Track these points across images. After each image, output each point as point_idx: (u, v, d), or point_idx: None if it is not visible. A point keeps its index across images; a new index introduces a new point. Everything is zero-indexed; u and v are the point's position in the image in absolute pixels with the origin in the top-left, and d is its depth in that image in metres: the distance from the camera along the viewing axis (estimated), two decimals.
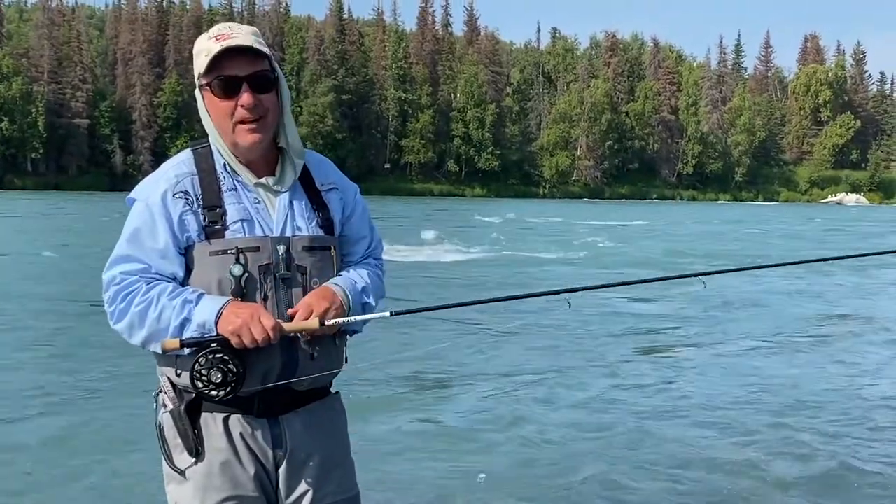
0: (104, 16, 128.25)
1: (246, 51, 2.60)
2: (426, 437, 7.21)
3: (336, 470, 2.79)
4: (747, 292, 16.95)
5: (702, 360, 10.67)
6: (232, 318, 2.49)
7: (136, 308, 2.55)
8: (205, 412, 2.64)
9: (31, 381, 8.99)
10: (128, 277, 2.60)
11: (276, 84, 2.67)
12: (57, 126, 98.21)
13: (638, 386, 9.12)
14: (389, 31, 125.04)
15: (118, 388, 8.61)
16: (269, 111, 2.63)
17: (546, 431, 7.37)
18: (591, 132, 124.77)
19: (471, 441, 7.11)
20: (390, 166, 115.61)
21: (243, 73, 2.60)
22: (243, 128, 2.61)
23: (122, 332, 2.62)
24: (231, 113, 2.61)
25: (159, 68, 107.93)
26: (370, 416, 7.49)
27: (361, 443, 2.94)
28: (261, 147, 2.66)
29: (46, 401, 8.19)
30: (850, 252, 3.20)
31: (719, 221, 53.35)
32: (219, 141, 2.68)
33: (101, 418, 7.61)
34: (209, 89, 2.64)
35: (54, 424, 7.44)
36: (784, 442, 7.15)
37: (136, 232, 2.63)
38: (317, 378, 2.70)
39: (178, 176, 2.65)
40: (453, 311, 10.61)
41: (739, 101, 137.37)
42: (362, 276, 2.80)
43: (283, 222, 2.67)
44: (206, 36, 2.70)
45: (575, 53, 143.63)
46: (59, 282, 17.44)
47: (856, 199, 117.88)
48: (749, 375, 9.68)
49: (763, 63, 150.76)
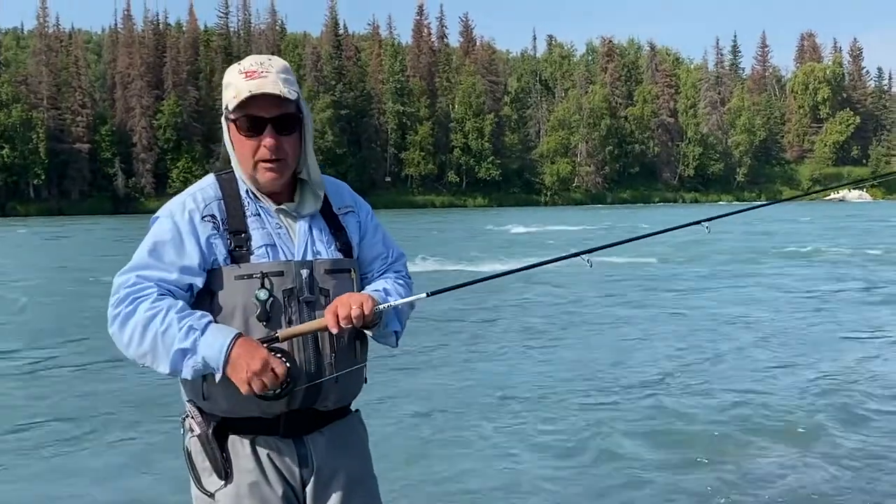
0: (101, 40, 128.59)
1: (274, 94, 2.64)
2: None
3: (361, 486, 2.83)
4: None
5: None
6: (242, 365, 2.49)
7: (143, 314, 2.54)
8: (232, 435, 2.68)
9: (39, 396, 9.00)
10: (142, 282, 2.59)
11: (301, 125, 2.71)
12: (58, 151, 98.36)
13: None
14: (385, 45, 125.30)
15: (135, 408, 8.64)
16: (290, 153, 2.69)
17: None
18: (591, 138, 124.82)
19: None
20: (391, 179, 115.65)
21: (269, 115, 2.65)
22: (264, 166, 2.67)
23: (119, 337, 2.58)
24: (254, 152, 2.66)
25: (158, 90, 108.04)
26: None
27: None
28: (279, 185, 2.73)
29: (57, 419, 8.21)
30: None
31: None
32: (240, 170, 2.73)
33: (121, 437, 7.63)
34: (235, 125, 2.69)
35: (68, 444, 7.46)
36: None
37: (161, 245, 2.64)
38: (340, 397, 2.76)
39: (206, 199, 2.70)
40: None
41: (738, 101, 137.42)
42: (387, 287, 2.83)
43: (303, 247, 2.72)
44: (237, 69, 2.71)
45: (571, 60, 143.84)
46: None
47: (858, 196, 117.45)
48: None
49: (760, 63, 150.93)
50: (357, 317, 2.56)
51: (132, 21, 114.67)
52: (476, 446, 7.42)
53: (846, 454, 6.99)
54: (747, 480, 6.43)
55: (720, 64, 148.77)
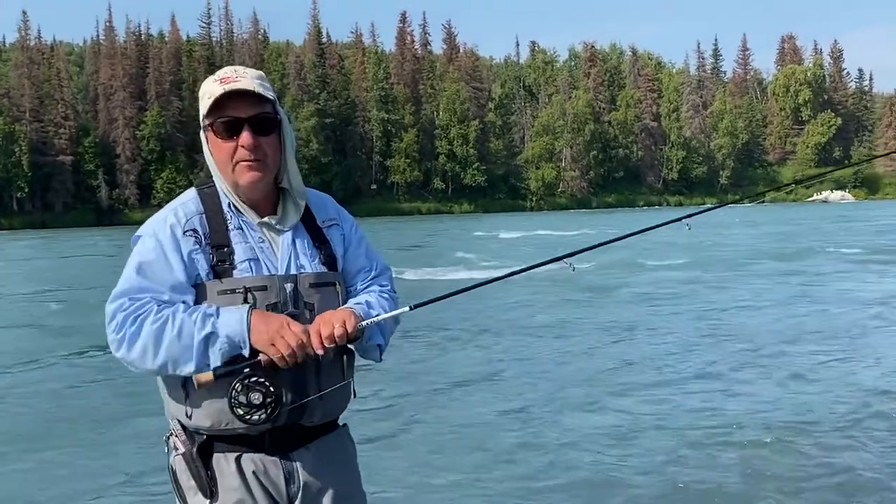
0: (83, 52, 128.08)
1: (248, 94, 2.63)
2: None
3: (349, 502, 2.80)
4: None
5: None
6: (263, 328, 2.49)
7: (150, 327, 2.50)
8: (217, 453, 2.64)
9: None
10: (137, 301, 2.56)
11: (279, 126, 2.69)
12: (41, 164, 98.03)
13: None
14: (369, 53, 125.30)
15: (125, 425, 8.60)
16: (269, 153, 2.66)
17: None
18: (575, 143, 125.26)
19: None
20: (377, 187, 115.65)
21: (244, 114, 2.63)
22: (244, 165, 2.64)
23: (133, 359, 2.54)
24: (232, 154, 2.64)
25: (141, 101, 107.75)
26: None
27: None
28: (260, 186, 2.69)
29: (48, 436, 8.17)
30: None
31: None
32: (222, 181, 2.71)
33: (110, 454, 7.59)
34: (212, 130, 2.66)
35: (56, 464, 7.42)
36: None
37: (147, 265, 2.61)
38: (326, 413, 2.73)
39: (187, 214, 2.67)
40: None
41: (720, 104, 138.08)
42: (370, 300, 2.79)
43: (287, 261, 2.69)
44: (211, 79, 2.70)
45: (555, 66, 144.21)
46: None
47: (841, 196, 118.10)
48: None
49: (741, 66, 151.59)
50: (340, 336, 2.55)
51: (114, 32, 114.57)
52: (471, 461, 7.37)
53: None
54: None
55: (702, 67, 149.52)
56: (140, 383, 9.91)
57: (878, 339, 12.53)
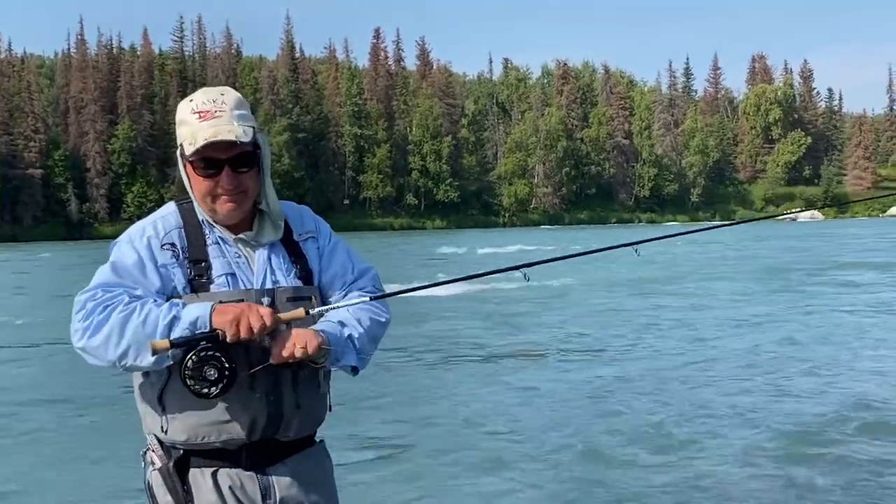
0: (54, 64, 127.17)
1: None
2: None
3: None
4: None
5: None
6: (228, 309, 2.48)
7: (118, 315, 2.47)
8: (193, 468, 2.62)
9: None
10: (110, 291, 2.54)
11: (258, 158, 2.68)
12: (10, 178, 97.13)
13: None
14: (342, 69, 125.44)
15: (103, 438, 8.48)
16: (249, 186, 2.67)
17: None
18: (548, 160, 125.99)
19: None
20: (349, 202, 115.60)
21: (225, 155, 2.61)
22: (224, 198, 2.64)
23: (94, 347, 2.48)
24: (212, 189, 2.63)
25: (112, 115, 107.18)
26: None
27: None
28: (238, 216, 2.70)
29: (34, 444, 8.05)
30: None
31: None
32: (197, 203, 2.70)
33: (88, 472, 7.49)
34: (191, 166, 2.65)
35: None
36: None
37: (122, 265, 2.60)
38: (302, 427, 2.70)
39: (166, 228, 2.67)
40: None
41: (691, 123, 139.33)
42: (338, 312, 2.73)
43: (262, 276, 2.68)
44: (188, 107, 2.65)
45: (527, 83, 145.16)
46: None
47: (810, 215, 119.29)
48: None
49: (712, 85, 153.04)
50: (300, 356, 2.52)
51: (85, 45, 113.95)
52: (446, 475, 7.34)
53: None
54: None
55: (673, 86, 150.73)
56: (118, 400, 9.83)
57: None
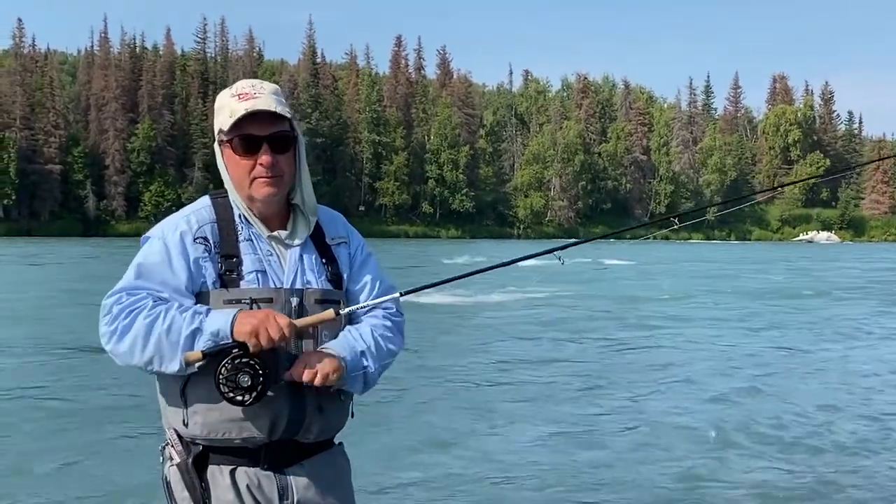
0: (76, 62, 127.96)
1: (268, 112, 2.65)
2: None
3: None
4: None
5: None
6: (247, 321, 2.49)
7: (143, 321, 2.50)
8: (212, 465, 2.63)
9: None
10: (135, 294, 2.57)
11: (295, 143, 2.73)
12: (29, 172, 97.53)
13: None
14: (363, 75, 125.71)
15: (119, 436, 8.50)
16: (286, 170, 2.70)
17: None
18: (565, 173, 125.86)
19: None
20: (365, 208, 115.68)
21: (263, 132, 2.66)
22: (261, 181, 2.67)
23: (121, 353, 2.53)
24: (250, 170, 2.67)
25: (132, 113, 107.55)
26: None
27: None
28: (275, 201, 2.72)
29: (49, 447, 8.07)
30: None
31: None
32: (235, 193, 2.73)
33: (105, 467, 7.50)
34: (229, 146, 2.69)
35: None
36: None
37: (150, 265, 2.63)
38: (323, 431, 2.71)
39: (200, 222, 2.70)
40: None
41: (710, 141, 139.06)
42: (365, 335, 2.74)
43: (293, 275, 2.71)
44: (228, 92, 2.74)
45: (547, 95, 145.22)
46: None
47: (827, 237, 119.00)
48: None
49: (732, 103, 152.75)
50: (318, 384, 2.56)
51: (109, 43, 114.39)
52: (461, 478, 7.32)
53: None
54: None
55: (693, 104, 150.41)
56: (137, 393, 9.88)
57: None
